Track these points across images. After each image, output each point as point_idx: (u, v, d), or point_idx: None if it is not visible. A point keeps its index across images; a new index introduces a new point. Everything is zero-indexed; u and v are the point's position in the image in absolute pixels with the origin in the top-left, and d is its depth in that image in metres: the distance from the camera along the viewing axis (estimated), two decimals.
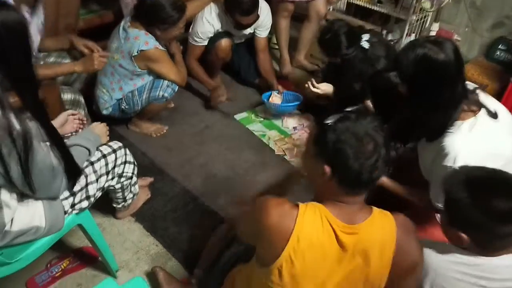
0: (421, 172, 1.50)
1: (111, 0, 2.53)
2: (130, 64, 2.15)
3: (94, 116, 2.23)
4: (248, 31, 2.64)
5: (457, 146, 1.30)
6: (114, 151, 1.55)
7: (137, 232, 1.86)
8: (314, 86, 2.32)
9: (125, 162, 1.60)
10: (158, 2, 2.08)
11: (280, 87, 2.72)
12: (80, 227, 1.48)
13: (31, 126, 1.09)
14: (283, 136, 2.50)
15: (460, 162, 1.27)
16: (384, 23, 3.07)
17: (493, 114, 1.35)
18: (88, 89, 2.31)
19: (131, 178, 1.67)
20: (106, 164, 1.51)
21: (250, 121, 2.62)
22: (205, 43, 2.59)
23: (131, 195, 1.77)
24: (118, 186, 1.64)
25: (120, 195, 1.72)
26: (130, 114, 2.35)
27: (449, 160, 1.31)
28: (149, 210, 1.95)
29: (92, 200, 1.46)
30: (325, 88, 2.33)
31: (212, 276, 1.44)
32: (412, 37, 2.90)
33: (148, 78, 2.24)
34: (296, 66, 3.04)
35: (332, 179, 0.98)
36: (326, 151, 0.98)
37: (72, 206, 1.39)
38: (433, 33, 2.76)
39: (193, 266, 1.66)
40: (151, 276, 1.65)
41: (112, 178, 1.57)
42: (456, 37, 3.04)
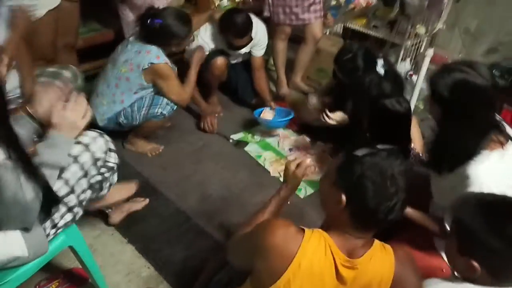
0: (422, 198, 1.48)
1: (112, 19, 2.57)
2: (137, 78, 2.17)
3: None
4: (244, 50, 2.67)
5: (484, 176, 1.26)
6: (87, 146, 1.31)
7: (129, 254, 1.83)
8: (329, 117, 2.26)
9: (106, 151, 1.41)
10: (165, 24, 2.14)
11: (273, 104, 2.75)
12: (71, 248, 1.45)
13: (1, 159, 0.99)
14: (279, 158, 2.50)
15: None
16: (379, 48, 3.11)
17: None
18: None
19: (112, 168, 1.50)
20: (81, 168, 1.30)
21: (246, 142, 2.62)
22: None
23: (107, 185, 1.55)
24: (99, 179, 1.43)
25: (97, 185, 1.48)
26: (126, 128, 2.34)
27: (473, 190, 1.26)
28: (141, 231, 1.93)
29: (76, 210, 1.33)
30: (340, 118, 2.28)
31: None
32: (407, 61, 2.94)
33: (149, 94, 2.25)
34: (292, 88, 3.06)
35: (345, 210, 0.98)
36: (347, 181, 0.98)
37: (54, 226, 1.29)
38: (427, 58, 2.79)
39: None
40: None
41: (93, 175, 1.36)
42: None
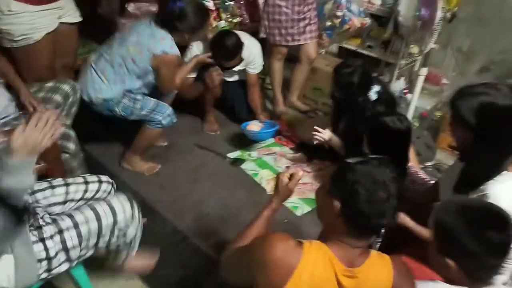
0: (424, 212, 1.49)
1: (110, 38, 2.59)
2: (145, 61, 2.15)
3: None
4: (238, 68, 2.71)
5: (503, 196, 1.26)
6: (114, 213, 1.37)
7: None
8: (319, 132, 2.29)
9: (130, 224, 1.43)
10: (185, 10, 2.15)
11: (262, 117, 2.80)
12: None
13: None
14: (276, 176, 2.51)
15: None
16: (374, 67, 3.16)
17: None
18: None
19: (130, 242, 1.50)
20: (100, 227, 1.35)
21: (243, 160, 2.63)
22: (193, 75, 2.62)
23: (124, 256, 1.56)
24: (113, 247, 1.47)
25: (112, 255, 1.54)
26: (118, 118, 2.28)
27: None
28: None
29: (74, 263, 1.36)
30: (328, 136, 2.30)
31: None
32: (402, 80, 2.99)
33: (150, 83, 2.24)
34: (289, 107, 3.09)
35: (340, 217, 1.00)
36: (340, 188, 1.01)
37: (48, 270, 1.30)
38: (421, 77, 2.85)
39: None
40: None
41: (107, 240, 1.41)
42: (444, 81, 3.14)
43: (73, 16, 2.27)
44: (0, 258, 1.18)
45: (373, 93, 2.16)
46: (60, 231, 1.31)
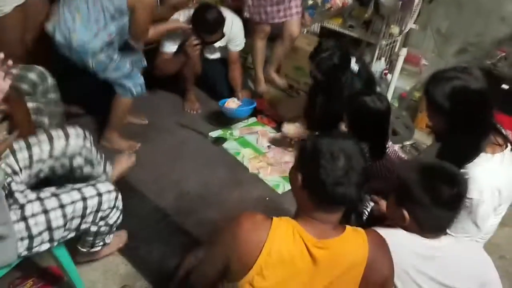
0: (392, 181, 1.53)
1: None
2: None
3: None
4: (219, 44, 2.68)
5: (483, 178, 1.29)
6: (100, 194, 1.41)
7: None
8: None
9: (113, 208, 1.47)
10: None
11: (241, 94, 2.79)
12: None
13: None
14: (258, 154, 2.52)
15: (487, 195, 1.29)
16: (355, 47, 3.17)
17: None
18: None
19: (111, 226, 1.53)
20: (84, 208, 1.37)
21: (225, 139, 2.62)
22: (172, 50, 2.58)
23: (101, 243, 1.59)
24: (94, 229, 1.48)
25: (90, 239, 1.54)
26: (89, 71, 2.14)
27: (473, 192, 1.29)
28: (118, 228, 1.90)
29: (55, 243, 1.37)
30: (293, 130, 2.44)
31: None
32: (382, 60, 3.01)
33: (125, 28, 2.12)
34: (267, 81, 3.06)
35: (304, 190, 1.02)
36: (302, 160, 1.05)
37: (29, 249, 1.30)
38: (401, 57, 2.87)
39: (163, 287, 1.63)
40: None
41: (91, 222, 1.43)
42: (423, 62, 3.18)
43: None
44: None
45: (353, 65, 2.16)
46: (45, 211, 1.31)
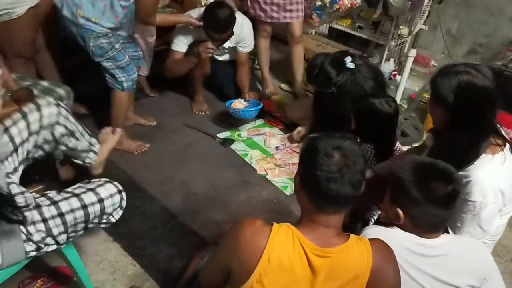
0: None
1: None
2: None
3: None
4: (228, 44, 2.69)
5: (487, 180, 1.27)
6: (101, 200, 1.39)
7: (114, 252, 1.82)
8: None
9: (117, 208, 1.46)
10: None
11: (248, 95, 2.78)
12: None
13: None
14: (265, 156, 2.52)
15: (490, 197, 1.27)
16: (364, 48, 3.16)
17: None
18: None
19: (112, 224, 1.51)
20: (86, 215, 1.36)
21: (233, 140, 2.62)
22: (183, 49, 2.59)
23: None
24: (95, 226, 1.47)
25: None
26: (86, 50, 2.12)
27: (477, 195, 1.27)
28: (126, 229, 1.91)
29: (62, 246, 1.37)
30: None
31: None
32: (391, 61, 2.99)
33: (131, 12, 2.12)
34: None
35: (303, 190, 1.02)
36: (300, 161, 1.05)
37: (37, 250, 1.31)
38: (410, 58, 2.85)
39: (172, 285, 1.64)
40: None
41: (97, 222, 1.43)
42: (433, 63, 3.16)
43: None
44: None
45: (349, 64, 2.13)
46: (44, 220, 1.29)
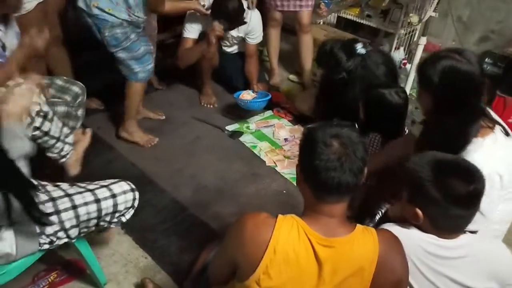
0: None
1: None
2: None
3: None
4: (236, 33, 2.68)
5: (483, 164, 1.24)
6: (114, 196, 1.40)
7: (126, 244, 1.84)
8: None
9: (130, 208, 1.48)
10: None
11: (256, 86, 2.78)
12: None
13: None
14: (274, 148, 2.51)
15: (486, 182, 1.22)
16: (373, 37, 3.12)
17: (506, 131, 1.35)
18: None
19: (122, 223, 1.52)
20: (99, 210, 1.38)
21: (241, 132, 2.62)
22: (194, 35, 2.59)
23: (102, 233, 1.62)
24: (105, 225, 1.48)
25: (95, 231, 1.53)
26: (104, 41, 2.12)
27: None
28: (138, 222, 1.93)
29: (74, 240, 1.38)
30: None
31: (198, 287, 1.42)
32: (401, 50, 2.95)
33: (144, 47, 2.18)
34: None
35: (305, 183, 1.01)
36: (300, 153, 1.03)
37: (50, 243, 1.33)
38: (421, 46, 2.81)
39: (182, 279, 1.65)
40: None
41: (108, 221, 1.44)
42: None
43: None
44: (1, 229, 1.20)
45: (360, 49, 2.10)
46: (58, 212, 1.32)
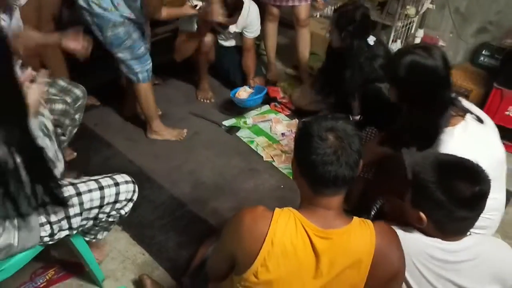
0: (402, 179, 1.50)
1: None
2: None
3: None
4: (234, 29, 2.67)
5: (459, 151, 1.26)
6: (117, 184, 1.42)
7: (124, 241, 1.84)
8: None
9: (129, 200, 1.48)
10: None
11: (253, 82, 2.77)
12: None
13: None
14: (272, 142, 2.51)
15: None
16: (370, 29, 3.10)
17: (479, 119, 1.38)
18: None
19: (120, 217, 1.52)
20: (102, 197, 1.39)
21: (238, 127, 2.61)
22: (191, 28, 2.55)
23: (105, 234, 1.61)
24: (104, 219, 1.48)
25: (97, 229, 1.55)
26: (104, 40, 2.09)
27: None
28: (136, 218, 1.93)
29: (74, 231, 1.39)
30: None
31: (197, 283, 1.43)
32: (398, 42, 2.94)
33: (144, 46, 2.16)
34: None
35: (301, 177, 1.01)
36: (295, 147, 1.03)
37: (51, 236, 1.32)
38: (418, 39, 2.80)
39: (181, 275, 1.66)
40: (138, 285, 1.63)
41: (108, 212, 1.44)
42: (441, 43, 3.08)
43: None
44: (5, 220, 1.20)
45: (370, 39, 2.11)
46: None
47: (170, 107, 2.71)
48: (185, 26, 2.59)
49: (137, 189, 1.51)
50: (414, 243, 1.09)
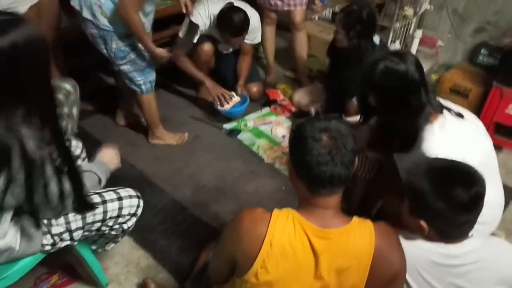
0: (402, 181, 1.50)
1: None
2: None
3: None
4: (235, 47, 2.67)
5: (435, 148, 1.32)
6: (120, 198, 1.41)
7: (127, 245, 1.84)
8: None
9: (133, 215, 1.47)
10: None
11: (240, 88, 2.72)
12: None
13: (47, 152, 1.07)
14: (273, 145, 2.51)
15: None
16: None
17: (458, 114, 1.41)
18: None
19: (123, 232, 1.51)
20: (105, 212, 1.38)
21: (239, 130, 2.62)
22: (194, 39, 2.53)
23: (113, 245, 1.61)
24: (106, 232, 1.46)
25: (102, 240, 1.54)
26: (109, 53, 2.08)
27: None
28: (138, 222, 1.91)
29: (76, 243, 1.39)
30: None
31: (199, 287, 1.43)
32: (397, 43, 2.95)
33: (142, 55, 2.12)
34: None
35: (298, 179, 1.01)
36: (290, 149, 1.03)
37: (52, 245, 1.32)
38: (416, 39, 2.81)
39: (184, 278, 1.66)
40: None
41: (110, 226, 1.43)
42: (439, 43, 3.10)
43: None
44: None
45: (376, 38, 2.13)
46: (65, 213, 1.32)
47: (171, 111, 2.72)
48: (181, 49, 2.51)
49: (141, 204, 1.48)
50: (417, 251, 1.10)
